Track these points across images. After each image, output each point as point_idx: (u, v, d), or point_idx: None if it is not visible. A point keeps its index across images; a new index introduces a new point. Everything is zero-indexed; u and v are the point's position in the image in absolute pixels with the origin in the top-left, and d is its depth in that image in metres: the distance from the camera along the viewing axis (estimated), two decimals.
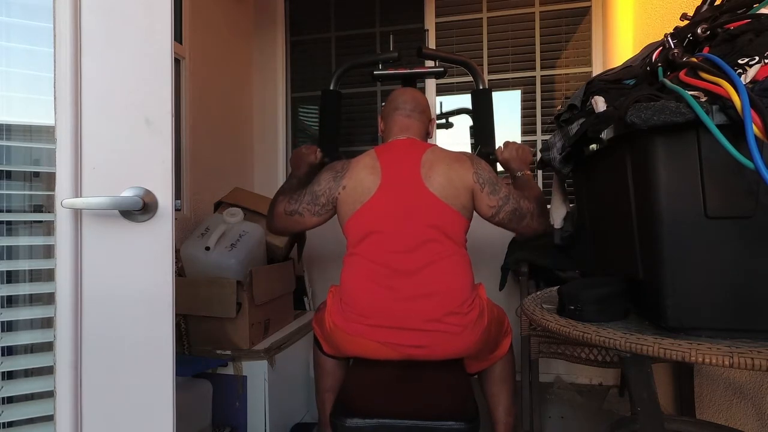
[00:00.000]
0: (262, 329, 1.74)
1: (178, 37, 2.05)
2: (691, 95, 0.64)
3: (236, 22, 2.58)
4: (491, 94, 1.98)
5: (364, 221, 1.25)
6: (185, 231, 1.96)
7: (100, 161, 0.71)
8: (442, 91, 2.62)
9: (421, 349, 1.19)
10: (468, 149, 2.59)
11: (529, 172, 1.42)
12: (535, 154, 2.45)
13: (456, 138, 2.63)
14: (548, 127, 2.47)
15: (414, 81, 2.12)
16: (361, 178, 1.28)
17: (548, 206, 1.28)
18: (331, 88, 2.07)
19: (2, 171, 0.76)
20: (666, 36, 0.81)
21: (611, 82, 0.92)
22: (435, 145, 1.37)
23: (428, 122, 1.47)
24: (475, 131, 2.08)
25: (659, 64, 0.79)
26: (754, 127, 0.55)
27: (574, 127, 0.93)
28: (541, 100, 2.49)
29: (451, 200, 1.24)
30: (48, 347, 0.71)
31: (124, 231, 0.72)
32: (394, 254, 1.21)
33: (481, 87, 1.98)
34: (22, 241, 0.80)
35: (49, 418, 0.71)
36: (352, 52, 2.72)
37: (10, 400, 0.74)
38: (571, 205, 1.25)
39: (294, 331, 1.87)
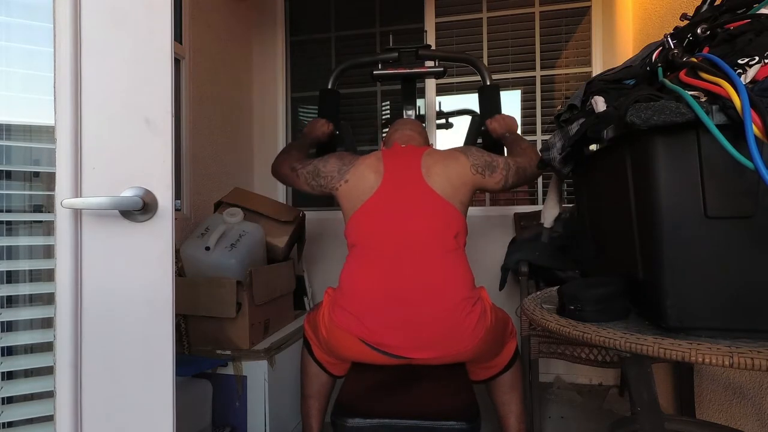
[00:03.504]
0: (262, 329, 1.74)
1: (178, 37, 2.05)
2: (691, 95, 0.64)
3: (236, 22, 2.58)
4: (498, 90, 1.97)
5: (364, 219, 1.26)
6: (185, 231, 1.96)
7: (100, 161, 0.71)
8: (442, 91, 2.62)
9: (422, 351, 1.17)
10: None
11: (515, 133, 1.62)
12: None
13: (456, 138, 2.63)
14: (548, 127, 2.47)
15: (414, 81, 2.12)
16: (364, 176, 1.29)
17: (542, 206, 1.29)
18: (329, 87, 2.07)
19: (2, 171, 0.76)
20: (666, 36, 0.81)
21: (611, 82, 0.92)
22: (431, 147, 1.40)
23: (427, 144, 1.57)
24: (481, 127, 2.07)
25: (659, 64, 0.79)
26: (754, 127, 0.55)
27: (574, 127, 0.93)
28: (541, 100, 2.49)
29: (451, 198, 1.25)
30: (48, 347, 0.71)
31: (124, 231, 0.72)
32: (394, 252, 1.20)
33: (488, 83, 1.98)
34: (22, 241, 0.80)
35: (49, 418, 0.71)
36: (352, 52, 2.72)
37: (10, 400, 0.74)
38: (565, 206, 1.25)
39: (294, 331, 1.86)
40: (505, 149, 1.64)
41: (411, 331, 1.16)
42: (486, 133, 1.75)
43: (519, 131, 2.50)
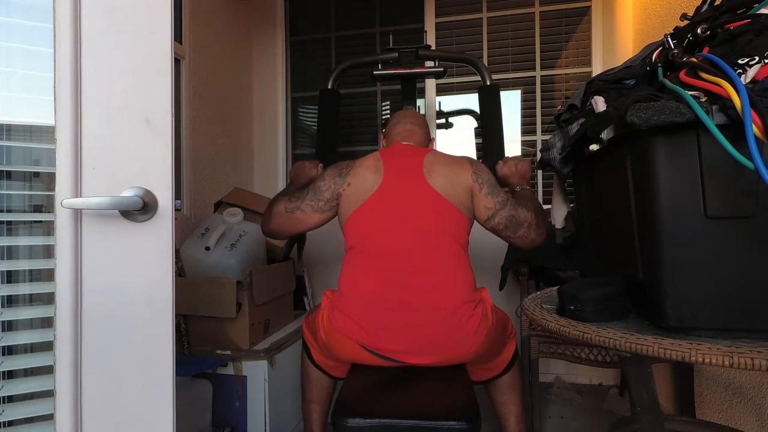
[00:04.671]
0: (262, 329, 1.74)
1: (178, 37, 2.05)
2: (691, 95, 0.64)
3: (236, 22, 2.58)
4: (498, 90, 1.97)
5: (363, 220, 1.24)
6: (185, 231, 1.96)
7: (100, 161, 0.71)
8: (442, 91, 2.62)
9: (421, 356, 1.16)
10: (471, 149, 2.59)
11: (528, 187, 1.39)
12: (534, 154, 2.46)
13: (456, 138, 2.63)
14: (548, 127, 2.47)
15: (414, 81, 2.12)
16: (364, 176, 1.27)
17: (549, 206, 1.28)
18: (329, 87, 2.07)
19: (2, 171, 0.76)
20: (666, 36, 0.81)
21: (611, 82, 0.92)
22: (434, 149, 1.37)
23: (429, 138, 1.50)
24: (482, 129, 2.07)
25: (659, 64, 0.79)
26: (754, 127, 0.55)
27: (574, 127, 0.94)
28: (541, 100, 2.49)
29: (453, 199, 1.23)
30: (48, 347, 0.71)
31: (124, 231, 0.72)
32: (394, 254, 1.19)
33: (488, 83, 1.98)
34: (22, 241, 0.80)
35: (49, 418, 0.71)
36: (352, 52, 2.72)
37: (10, 399, 0.74)
38: (571, 205, 1.25)
39: (294, 331, 1.86)
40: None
41: (410, 335, 1.14)
42: (494, 176, 1.49)
43: (519, 131, 2.52)
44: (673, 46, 0.78)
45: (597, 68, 2.40)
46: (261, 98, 2.77)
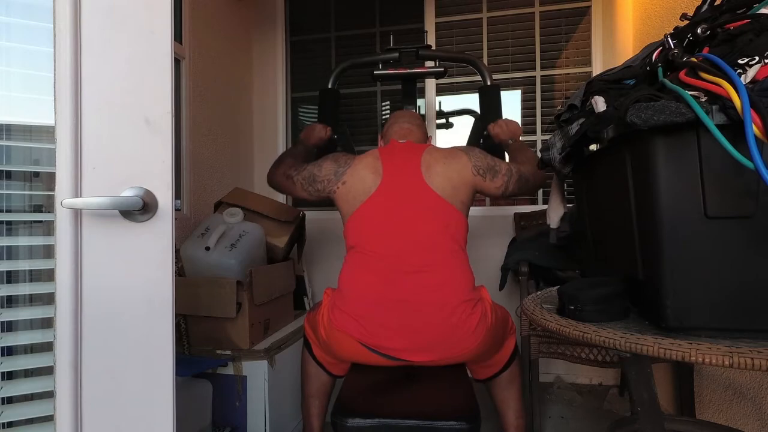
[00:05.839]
0: (262, 329, 1.74)
1: (178, 37, 2.05)
2: (691, 95, 0.64)
3: (236, 22, 2.58)
4: (499, 90, 1.97)
5: (363, 220, 1.25)
6: (185, 231, 1.96)
7: (100, 161, 0.71)
8: (442, 90, 2.62)
9: (421, 354, 1.16)
10: None
11: (518, 140, 1.59)
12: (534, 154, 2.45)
13: (456, 138, 2.64)
14: (548, 127, 2.47)
15: (414, 81, 2.12)
16: (361, 176, 1.28)
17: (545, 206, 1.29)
18: (329, 87, 2.07)
19: (2, 171, 0.76)
20: (666, 36, 0.81)
21: (611, 82, 0.92)
22: (431, 146, 1.38)
23: (426, 137, 1.53)
24: (483, 129, 2.07)
25: (659, 64, 0.79)
26: (754, 127, 0.55)
27: (574, 127, 0.93)
28: (541, 100, 2.49)
29: (451, 199, 1.24)
30: (48, 347, 0.71)
31: (124, 231, 0.72)
32: (394, 253, 1.19)
33: (488, 83, 1.98)
34: (22, 241, 0.80)
35: (49, 419, 0.71)
36: (352, 52, 2.72)
37: (10, 400, 0.74)
38: (568, 205, 1.25)
39: (294, 331, 1.86)
40: (507, 155, 1.62)
41: (410, 333, 1.15)
42: (488, 138, 1.71)
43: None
44: (673, 46, 0.78)
45: (597, 68, 2.40)
46: (261, 98, 2.77)
